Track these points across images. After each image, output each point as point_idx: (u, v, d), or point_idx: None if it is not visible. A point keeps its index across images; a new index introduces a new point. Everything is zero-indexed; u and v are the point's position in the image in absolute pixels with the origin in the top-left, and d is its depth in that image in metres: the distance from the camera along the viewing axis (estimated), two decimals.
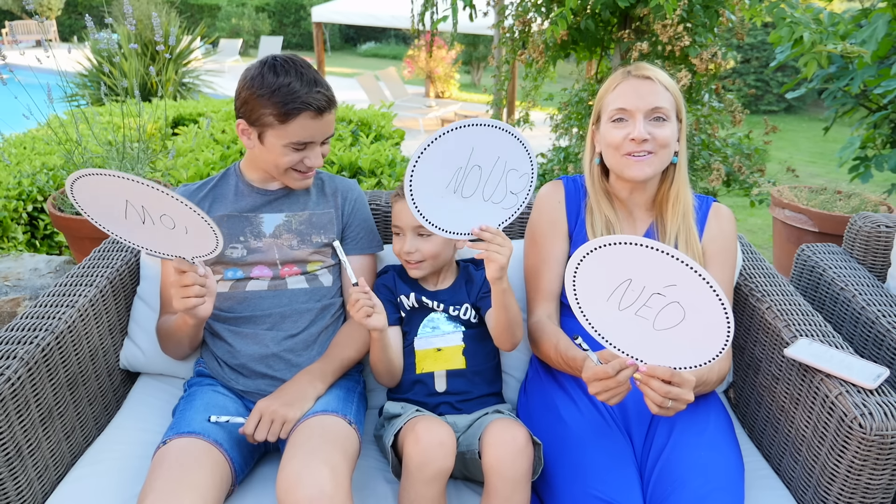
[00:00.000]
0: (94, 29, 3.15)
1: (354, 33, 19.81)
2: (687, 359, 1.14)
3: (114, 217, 1.30)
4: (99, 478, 1.35)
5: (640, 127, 1.39)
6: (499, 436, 1.27)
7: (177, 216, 1.26)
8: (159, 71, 6.00)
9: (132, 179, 1.21)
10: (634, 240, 1.07)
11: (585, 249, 1.10)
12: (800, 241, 3.17)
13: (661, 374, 1.15)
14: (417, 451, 1.23)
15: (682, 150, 1.48)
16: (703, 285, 1.06)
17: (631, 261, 1.08)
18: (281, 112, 1.37)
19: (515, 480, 1.24)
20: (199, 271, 1.33)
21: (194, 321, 1.41)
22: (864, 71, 3.28)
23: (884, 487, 1.24)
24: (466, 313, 1.55)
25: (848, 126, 4.04)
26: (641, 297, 1.11)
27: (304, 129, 1.39)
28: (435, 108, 9.54)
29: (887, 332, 1.58)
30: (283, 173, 1.47)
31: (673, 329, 1.12)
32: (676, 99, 1.44)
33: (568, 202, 1.57)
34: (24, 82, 2.70)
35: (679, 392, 1.15)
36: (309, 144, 1.43)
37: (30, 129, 3.95)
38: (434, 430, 1.26)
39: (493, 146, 1.27)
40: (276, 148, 1.42)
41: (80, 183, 1.24)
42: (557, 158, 3.94)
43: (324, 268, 1.57)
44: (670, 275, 1.07)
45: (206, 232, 1.27)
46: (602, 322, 1.17)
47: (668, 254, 1.05)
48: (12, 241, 2.94)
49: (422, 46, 9.97)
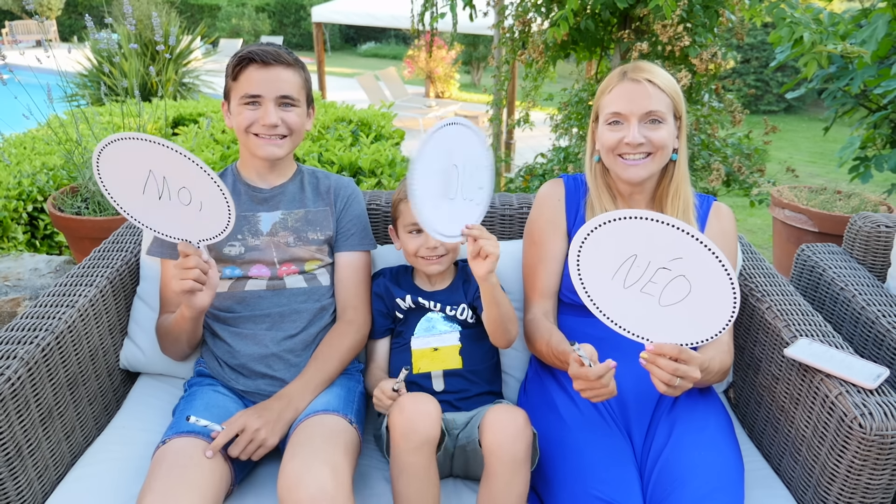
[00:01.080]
0: (94, 29, 3.16)
1: (354, 33, 19.82)
2: (693, 334, 1.15)
3: (131, 192, 1.33)
4: (99, 478, 1.35)
5: (634, 131, 1.40)
6: (498, 418, 1.27)
7: (195, 189, 1.30)
8: (159, 71, 6.00)
9: (163, 144, 1.26)
10: (640, 213, 1.07)
11: (590, 226, 1.10)
12: (800, 241, 3.17)
13: (669, 351, 1.15)
14: (402, 420, 1.23)
15: (682, 146, 1.48)
16: (709, 256, 1.06)
17: (636, 235, 1.08)
18: (232, 68, 1.45)
19: (515, 461, 1.24)
20: (202, 256, 1.34)
21: (191, 313, 1.41)
22: (864, 71, 3.28)
23: (884, 487, 1.24)
24: (463, 313, 1.55)
25: (848, 126, 4.04)
26: (647, 272, 1.11)
27: (249, 81, 1.43)
28: (435, 108, 9.54)
29: (887, 332, 1.58)
30: (246, 139, 1.48)
31: (679, 304, 1.12)
32: (674, 98, 1.44)
33: (568, 200, 1.57)
34: (24, 82, 2.70)
35: (686, 369, 1.16)
36: (259, 99, 1.44)
37: (30, 129, 3.94)
38: (419, 400, 1.26)
39: (460, 144, 1.28)
40: (235, 109, 1.47)
41: (109, 150, 1.28)
42: (557, 158, 3.94)
43: (321, 267, 1.57)
44: (676, 247, 1.08)
45: (221, 208, 1.31)
46: (607, 302, 1.17)
47: (673, 226, 1.06)
48: (12, 241, 2.94)
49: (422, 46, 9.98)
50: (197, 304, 1.37)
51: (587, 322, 1.51)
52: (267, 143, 1.47)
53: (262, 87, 1.43)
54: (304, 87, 1.50)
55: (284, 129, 1.47)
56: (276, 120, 1.44)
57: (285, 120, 1.46)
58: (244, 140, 1.49)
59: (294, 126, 1.48)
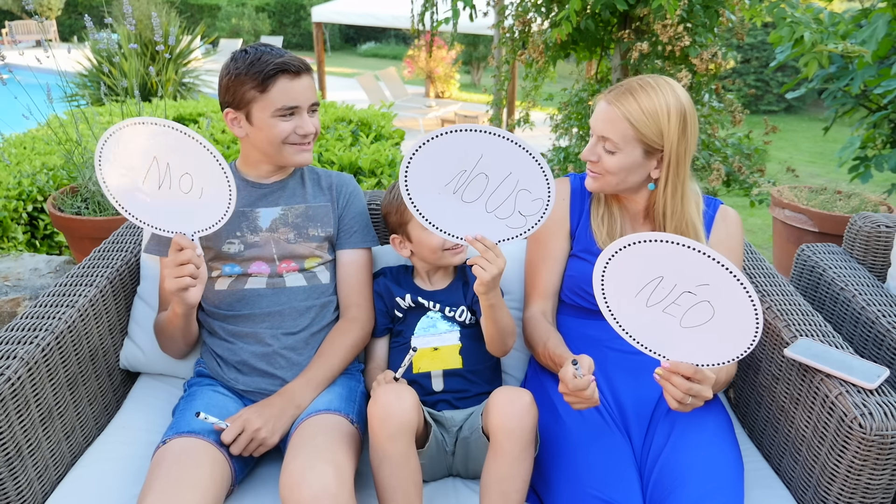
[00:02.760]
0: (94, 29, 3.15)
1: (354, 33, 19.81)
2: (709, 356, 1.16)
3: (130, 184, 1.34)
4: (99, 478, 1.35)
5: (589, 146, 1.44)
6: (505, 397, 1.27)
7: (197, 174, 1.31)
8: (159, 71, 5.99)
9: (167, 125, 1.28)
10: (672, 238, 1.09)
11: (621, 243, 1.12)
12: (800, 241, 3.17)
13: (684, 370, 1.17)
14: (376, 409, 1.23)
15: (668, 180, 1.42)
16: (736, 286, 1.08)
17: (664, 258, 1.10)
18: (259, 80, 1.40)
19: (523, 439, 1.24)
20: (197, 251, 1.34)
21: (182, 310, 1.41)
22: (864, 71, 3.28)
23: (884, 487, 1.24)
24: (462, 315, 1.55)
25: (848, 126, 4.04)
26: (671, 294, 1.13)
27: (285, 93, 1.41)
28: (435, 108, 9.54)
29: (887, 332, 1.58)
30: (281, 149, 1.46)
31: (700, 327, 1.14)
32: (643, 130, 1.36)
33: (572, 200, 1.57)
34: (24, 82, 2.70)
35: (700, 389, 1.17)
36: (296, 110, 1.43)
37: (30, 129, 3.94)
38: (394, 390, 1.26)
39: (505, 160, 1.24)
40: (266, 122, 1.43)
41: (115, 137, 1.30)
42: (557, 158, 3.94)
43: (321, 264, 1.57)
44: (704, 274, 1.09)
45: (222, 192, 1.32)
46: (627, 317, 1.18)
47: (704, 253, 1.08)
48: (12, 241, 2.94)
49: (422, 46, 9.97)
50: (189, 300, 1.38)
51: (586, 324, 1.52)
52: (304, 150, 1.48)
53: (300, 98, 1.43)
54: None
55: (314, 135, 1.49)
56: (313, 128, 1.46)
57: (315, 125, 1.48)
58: (276, 150, 1.47)
59: (319, 129, 1.50)
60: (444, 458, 1.42)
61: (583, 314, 1.53)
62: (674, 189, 1.43)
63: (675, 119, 1.36)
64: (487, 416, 1.28)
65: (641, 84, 1.39)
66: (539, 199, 1.27)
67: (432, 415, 1.41)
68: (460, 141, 1.23)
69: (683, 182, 1.43)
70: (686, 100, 1.39)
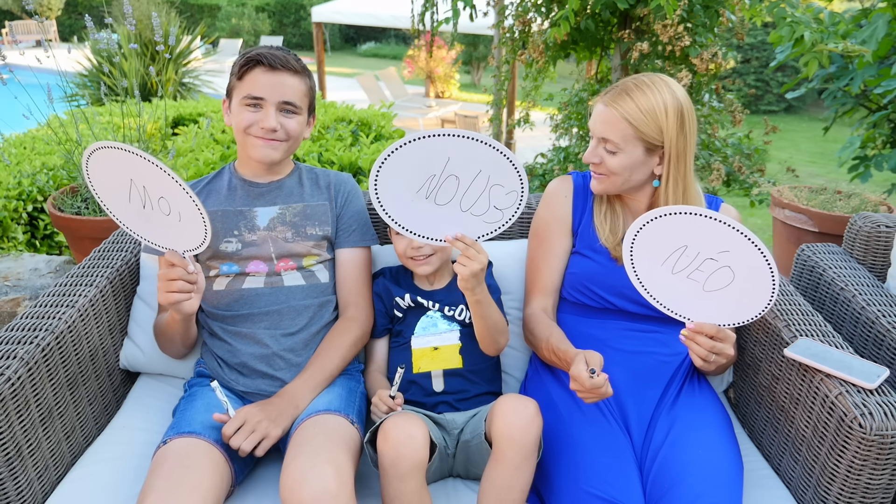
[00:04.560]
0: (94, 29, 3.15)
1: (354, 33, 19.81)
2: (731, 317, 1.27)
3: (118, 199, 1.34)
4: (99, 478, 1.35)
5: (590, 148, 1.46)
6: (510, 406, 1.26)
7: (173, 200, 1.29)
8: (159, 71, 6.00)
9: (138, 154, 1.25)
10: (694, 210, 1.19)
11: (648, 217, 1.21)
12: (800, 241, 3.16)
13: (708, 329, 1.26)
14: (387, 448, 1.22)
15: (670, 175, 1.43)
16: (755, 252, 1.19)
17: (689, 229, 1.21)
18: (239, 69, 1.46)
19: (525, 448, 1.24)
20: (188, 268, 1.34)
21: (180, 316, 1.42)
22: (864, 71, 3.28)
23: (884, 487, 1.24)
24: (462, 314, 1.55)
25: (848, 126, 4.04)
26: (695, 261, 1.24)
27: (255, 83, 1.44)
28: (435, 108, 9.54)
29: (887, 332, 1.58)
30: (245, 139, 1.48)
31: (721, 290, 1.25)
32: (643, 128, 1.38)
33: (575, 197, 1.57)
34: (24, 82, 2.70)
35: (722, 347, 1.27)
36: (261, 101, 1.44)
37: (30, 129, 3.94)
38: (403, 425, 1.23)
39: (472, 159, 1.25)
40: (236, 109, 1.47)
41: (95, 157, 1.29)
42: (557, 158, 3.94)
43: (320, 263, 1.57)
44: (724, 241, 1.20)
45: (197, 221, 1.30)
46: (654, 284, 1.29)
47: (724, 222, 1.18)
48: (12, 241, 2.94)
49: (422, 46, 9.98)
50: (185, 310, 1.38)
51: (587, 322, 1.52)
52: (264, 145, 1.47)
53: (266, 91, 1.43)
54: (307, 95, 1.50)
55: (283, 135, 1.47)
56: (275, 124, 1.44)
57: (284, 126, 1.46)
58: (241, 140, 1.49)
59: (292, 133, 1.48)
60: (445, 461, 1.41)
61: (584, 312, 1.53)
62: (675, 184, 1.44)
63: (672, 115, 1.38)
64: (491, 423, 1.27)
65: (637, 83, 1.40)
66: (513, 192, 1.29)
67: (433, 418, 1.41)
68: (423, 148, 1.24)
69: (685, 178, 1.44)
70: (682, 95, 1.41)
